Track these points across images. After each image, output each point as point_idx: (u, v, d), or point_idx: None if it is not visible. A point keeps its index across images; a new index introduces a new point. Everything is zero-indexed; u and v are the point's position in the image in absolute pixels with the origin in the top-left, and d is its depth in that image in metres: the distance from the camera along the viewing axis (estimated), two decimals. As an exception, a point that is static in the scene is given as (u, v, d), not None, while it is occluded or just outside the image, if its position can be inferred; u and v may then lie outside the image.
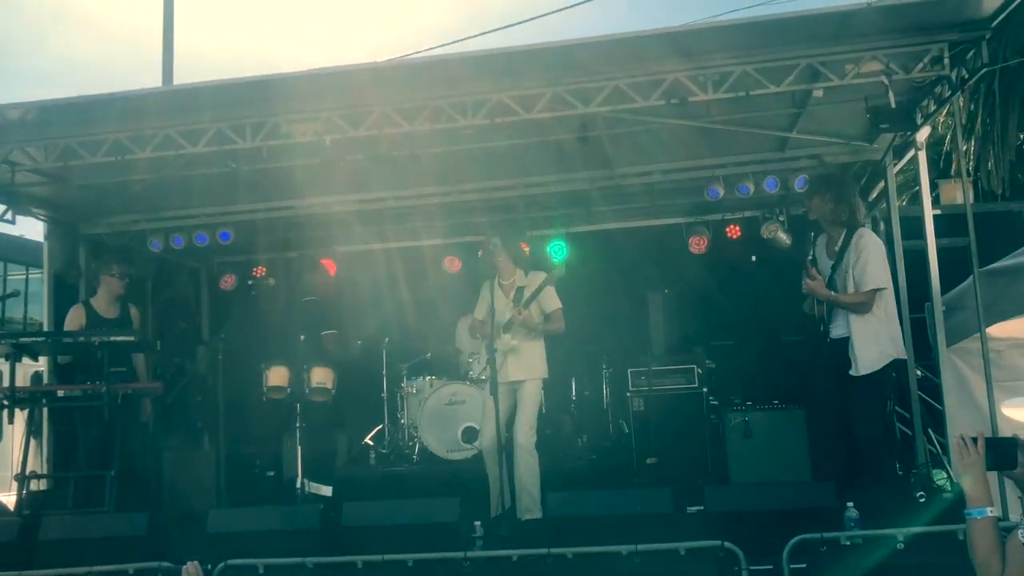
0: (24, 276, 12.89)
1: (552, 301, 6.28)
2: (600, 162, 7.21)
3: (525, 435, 6.04)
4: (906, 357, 5.69)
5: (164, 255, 8.42)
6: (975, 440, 2.78)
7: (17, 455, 6.22)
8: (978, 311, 5.53)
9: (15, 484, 6.19)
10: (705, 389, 7.42)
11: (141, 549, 5.00)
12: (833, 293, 5.53)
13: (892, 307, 5.61)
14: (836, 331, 5.64)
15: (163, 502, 6.71)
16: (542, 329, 6.27)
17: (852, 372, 5.42)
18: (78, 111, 5.85)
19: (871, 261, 5.46)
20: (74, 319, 6.76)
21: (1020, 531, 2.60)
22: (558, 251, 8.38)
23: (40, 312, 8.67)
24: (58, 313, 7.55)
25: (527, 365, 6.23)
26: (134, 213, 7.92)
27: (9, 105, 5.79)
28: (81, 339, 6.32)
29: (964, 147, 6.79)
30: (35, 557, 5.10)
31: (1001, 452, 2.82)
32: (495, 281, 6.43)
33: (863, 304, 5.44)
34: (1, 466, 8.05)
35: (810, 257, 5.74)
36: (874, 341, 5.44)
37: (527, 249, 7.81)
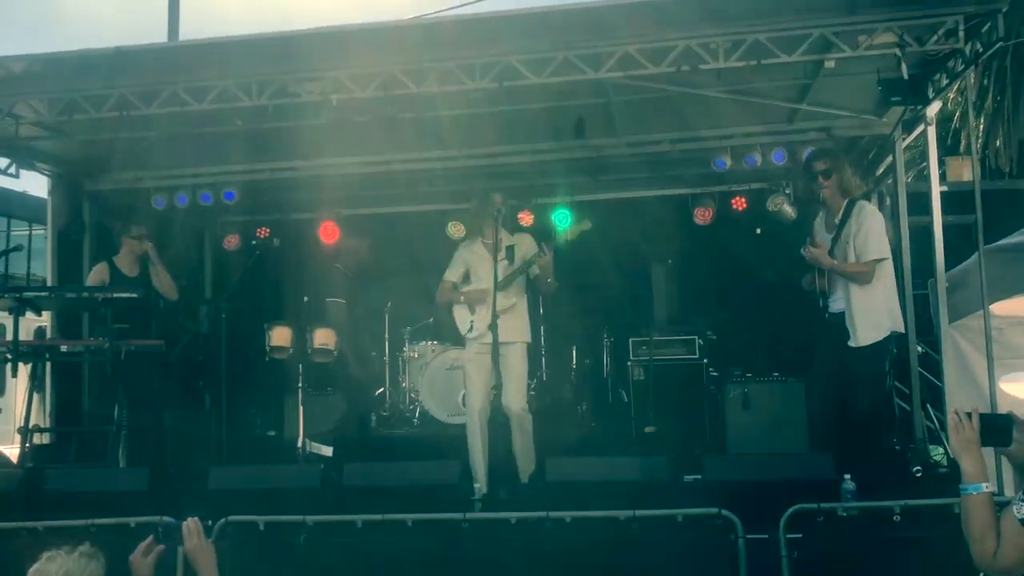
0: (28, 232, 12.88)
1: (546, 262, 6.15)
2: (608, 130, 7.17)
3: (518, 400, 6.01)
4: (904, 331, 5.69)
5: (168, 213, 8.40)
6: (970, 416, 2.78)
7: (20, 409, 6.25)
8: (982, 289, 5.52)
9: (18, 437, 6.22)
10: (705, 360, 7.44)
11: (142, 504, 5.03)
12: (835, 262, 5.52)
13: (891, 280, 5.60)
14: (835, 305, 5.64)
15: (164, 459, 6.74)
16: (547, 284, 6.21)
17: (851, 343, 5.43)
18: (83, 65, 5.81)
19: (872, 232, 5.46)
20: (97, 276, 6.76)
21: (1015, 507, 2.60)
22: (563, 219, 8.36)
23: (43, 269, 8.67)
24: (62, 268, 7.57)
25: (513, 328, 6.12)
26: (139, 170, 7.90)
27: (13, 57, 5.76)
28: (84, 295, 6.32)
29: (974, 124, 6.73)
30: (38, 509, 5.13)
31: (996, 429, 2.83)
32: (479, 242, 6.36)
33: (864, 274, 5.44)
34: (4, 419, 8.10)
35: (813, 233, 5.73)
36: (873, 313, 5.44)
37: (531, 216, 7.81)
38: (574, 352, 8.45)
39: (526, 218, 8.29)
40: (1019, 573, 2.61)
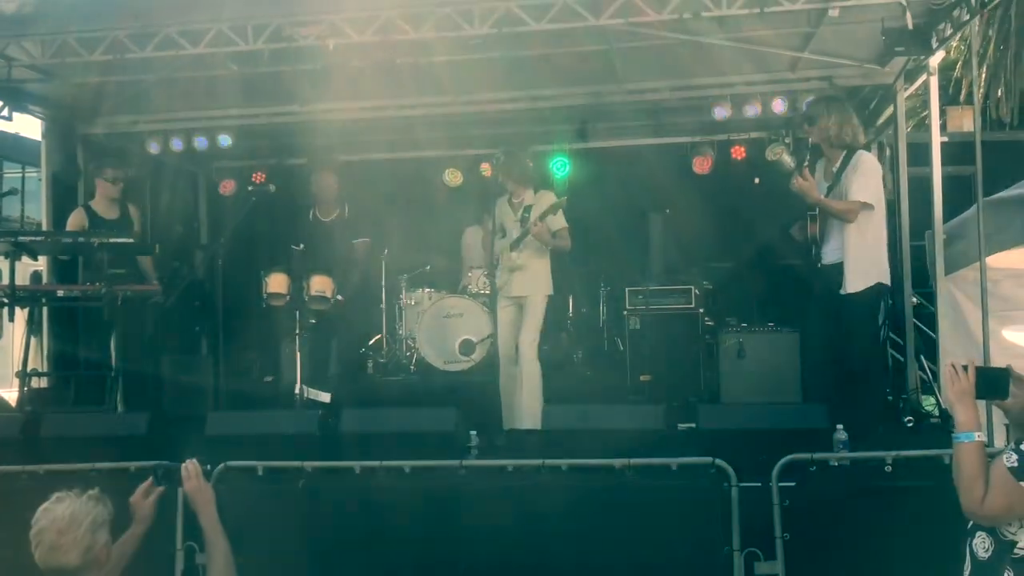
0: (20, 174, 12.79)
1: (558, 221, 6.37)
2: (608, 77, 7.10)
3: (528, 345, 6.24)
4: (888, 283, 5.69)
5: (162, 158, 8.34)
6: (966, 368, 2.80)
7: (18, 353, 6.26)
8: (979, 241, 5.52)
9: (16, 381, 6.25)
10: (701, 310, 7.44)
11: (141, 448, 5.07)
12: (822, 197, 5.50)
13: (882, 231, 5.56)
14: (828, 256, 5.63)
15: (162, 405, 6.78)
16: (552, 245, 6.35)
17: (841, 291, 5.45)
18: (76, 7, 5.73)
19: (864, 176, 5.41)
20: (75, 222, 6.73)
21: (1005, 456, 2.65)
22: (561, 167, 8.31)
23: (37, 211, 8.62)
24: (56, 212, 7.53)
25: (532, 281, 6.38)
26: (133, 114, 7.83)
27: (5, -2, 5.66)
28: (80, 239, 6.30)
29: (976, 73, 6.67)
30: (37, 453, 5.17)
31: (992, 381, 2.84)
32: (508, 199, 6.56)
33: (849, 212, 5.40)
34: (2, 363, 8.11)
35: (805, 163, 5.70)
36: (861, 261, 5.44)
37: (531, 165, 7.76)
38: (571, 301, 8.47)
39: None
40: (1006, 520, 2.66)
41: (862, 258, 5.45)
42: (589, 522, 4.43)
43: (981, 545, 2.73)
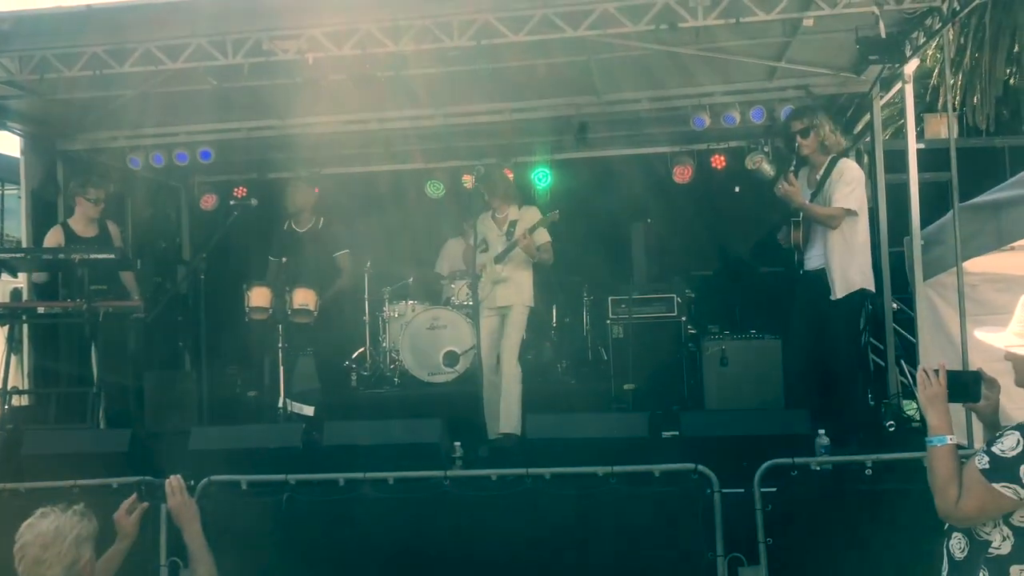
0: (0, 191, 12.71)
1: (542, 235, 6.45)
2: (588, 89, 7.14)
3: (510, 352, 6.33)
4: (873, 289, 5.76)
5: (144, 173, 8.32)
6: (937, 372, 2.83)
7: (-1, 371, 6.22)
8: (956, 246, 5.58)
9: (-3, 400, 6.21)
10: (684, 318, 7.47)
11: (124, 465, 5.05)
12: (806, 201, 5.57)
13: (865, 237, 5.66)
14: (811, 262, 5.71)
15: (145, 421, 6.75)
16: (537, 258, 6.43)
17: (831, 296, 5.52)
18: (54, 23, 5.70)
19: (848, 184, 5.51)
20: (52, 241, 6.70)
21: (977, 458, 2.68)
22: (542, 178, 8.34)
23: (16, 228, 8.56)
24: (36, 229, 7.48)
25: (515, 292, 6.45)
26: (113, 129, 7.79)
27: (-18, 15, 5.64)
28: (61, 256, 6.27)
29: (951, 81, 6.75)
30: (18, 471, 5.13)
31: (964, 385, 2.86)
32: (491, 214, 6.63)
33: (833, 218, 5.49)
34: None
35: (792, 168, 5.76)
36: (845, 267, 5.52)
37: (511, 176, 7.79)
38: (554, 311, 8.49)
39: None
40: (979, 521, 2.69)
41: (847, 264, 5.52)
42: (573, 530, 4.45)
43: (957, 546, 2.75)
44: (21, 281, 7.35)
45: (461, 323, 7.42)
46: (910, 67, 6.19)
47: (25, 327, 6.73)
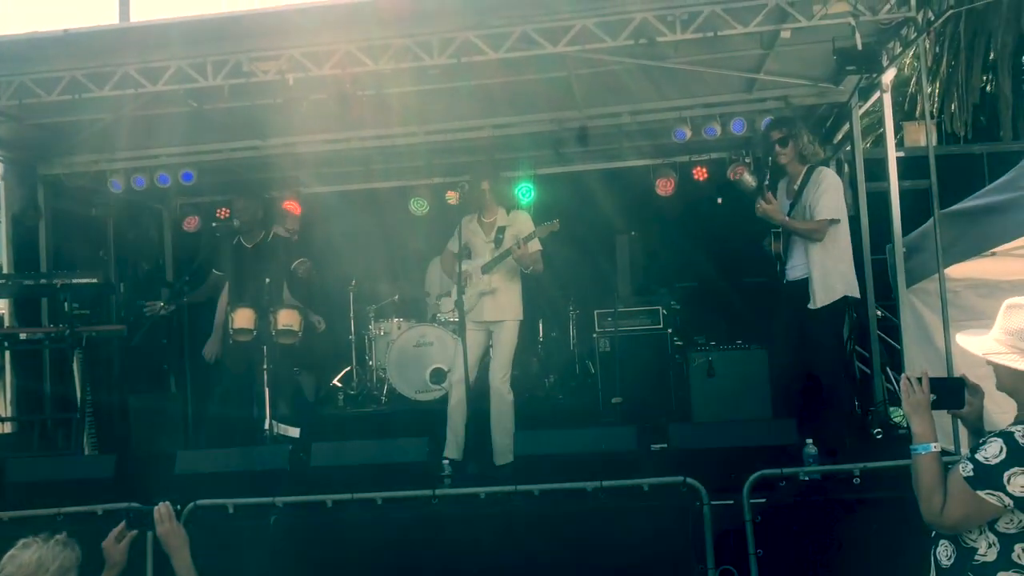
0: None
1: (534, 244, 6.15)
2: (568, 103, 7.17)
3: (500, 377, 6.05)
4: (857, 295, 5.79)
5: (126, 196, 8.28)
6: (920, 380, 2.84)
7: (-19, 399, 6.18)
8: (937, 253, 5.62)
9: (-21, 427, 6.16)
10: (670, 330, 7.50)
11: (109, 491, 5.00)
12: (787, 218, 5.60)
13: (847, 244, 5.68)
14: (793, 272, 5.73)
15: (130, 445, 6.69)
16: (531, 268, 6.14)
17: (810, 306, 5.53)
18: (32, 48, 5.68)
19: (828, 193, 5.54)
20: None
21: (960, 465, 2.68)
22: (525, 193, 8.35)
23: (-3, 255, 8.47)
24: (17, 255, 7.44)
25: (504, 306, 6.18)
26: (94, 153, 7.76)
27: (-41, 42, 5.61)
28: (42, 281, 6.24)
29: (928, 90, 6.81)
30: (1, 499, 5.08)
31: (948, 392, 2.86)
32: (477, 218, 6.36)
33: (816, 231, 5.52)
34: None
35: (766, 183, 5.80)
36: (827, 276, 5.54)
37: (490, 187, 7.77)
38: (541, 325, 8.49)
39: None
40: (964, 528, 2.69)
41: (828, 272, 5.54)
42: (563, 546, 4.43)
43: (944, 553, 2.76)
44: (2, 307, 7.29)
45: (447, 340, 7.41)
46: (887, 76, 6.25)
47: (7, 353, 6.68)
